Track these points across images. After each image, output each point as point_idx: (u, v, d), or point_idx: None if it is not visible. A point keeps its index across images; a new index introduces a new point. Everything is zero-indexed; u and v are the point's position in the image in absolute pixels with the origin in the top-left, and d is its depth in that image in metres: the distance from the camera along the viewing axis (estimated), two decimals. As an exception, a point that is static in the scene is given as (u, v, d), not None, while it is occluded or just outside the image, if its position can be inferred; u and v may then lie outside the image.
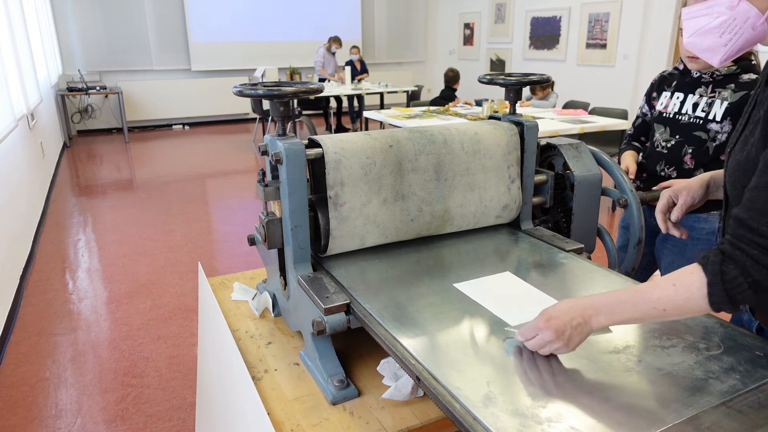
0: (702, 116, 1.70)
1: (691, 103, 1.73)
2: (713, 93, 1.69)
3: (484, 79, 1.56)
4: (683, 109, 1.75)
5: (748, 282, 0.79)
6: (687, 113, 1.74)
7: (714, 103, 1.68)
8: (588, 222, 1.62)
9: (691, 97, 1.74)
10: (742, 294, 0.80)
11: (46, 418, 2.26)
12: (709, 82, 1.71)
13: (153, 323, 2.99)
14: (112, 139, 8.46)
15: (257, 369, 1.21)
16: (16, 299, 3.19)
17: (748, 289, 0.79)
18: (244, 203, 5.31)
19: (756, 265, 0.79)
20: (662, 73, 1.91)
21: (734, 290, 0.80)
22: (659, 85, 1.88)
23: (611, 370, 0.89)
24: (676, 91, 1.79)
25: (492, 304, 1.09)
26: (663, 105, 1.81)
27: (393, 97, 9.21)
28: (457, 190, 1.37)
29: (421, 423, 1.03)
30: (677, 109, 1.77)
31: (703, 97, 1.71)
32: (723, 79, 1.68)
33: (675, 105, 1.77)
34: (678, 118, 1.76)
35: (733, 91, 1.65)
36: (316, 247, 1.29)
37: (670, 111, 1.78)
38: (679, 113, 1.76)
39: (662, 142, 1.81)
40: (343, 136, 1.28)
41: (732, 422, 0.77)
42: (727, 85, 1.68)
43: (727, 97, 1.66)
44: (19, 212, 3.87)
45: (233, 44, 9.37)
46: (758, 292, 0.79)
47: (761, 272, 0.79)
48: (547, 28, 8.35)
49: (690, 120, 1.72)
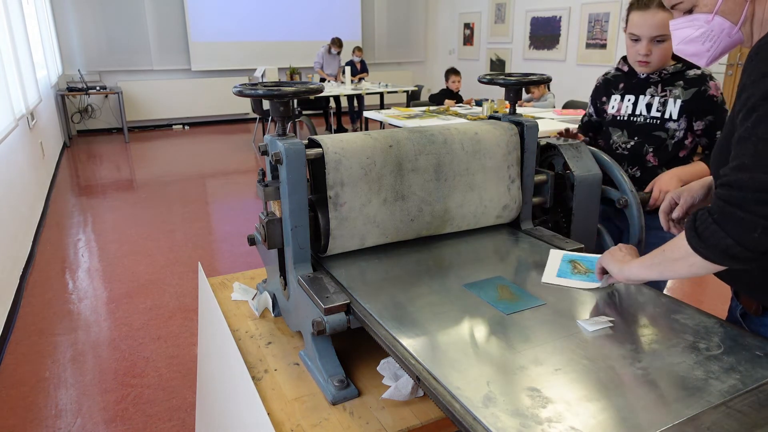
0: (658, 116, 1.71)
1: (644, 103, 1.74)
2: (664, 92, 1.70)
3: (484, 79, 1.56)
4: (637, 111, 1.76)
5: (713, 217, 0.86)
6: (642, 114, 1.74)
7: (667, 102, 1.69)
8: (588, 222, 1.62)
9: (643, 98, 1.74)
10: (708, 229, 0.87)
11: (46, 418, 2.26)
12: (657, 81, 1.72)
13: (153, 323, 2.99)
14: (112, 139, 8.46)
15: (257, 369, 1.21)
16: (16, 299, 3.19)
17: (713, 224, 0.86)
18: (244, 203, 5.31)
19: (717, 201, 0.87)
20: (605, 76, 1.89)
21: (701, 226, 0.88)
22: (605, 89, 1.87)
23: (611, 370, 0.89)
24: (626, 94, 1.79)
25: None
26: (615, 108, 1.81)
27: (393, 97, 9.20)
28: (457, 190, 1.37)
29: (421, 423, 1.03)
30: (631, 111, 1.77)
31: (654, 97, 1.72)
32: (670, 77, 1.69)
33: (627, 107, 1.78)
34: (633, 120, 1.76)
35: (683, 89, 1.67)
36: (316, 247, 1.29)
37: (624, 114, 1.78)
38: (633, 115, 1.76)
39: (621, 144, 1.82)
40: (343, 136, 1.28)
41: (732, 422, 0.77)
42: (675, 82, 1.69)
43: (680, 95, 1.67)
44: (19, 212, 3.87)
45: (233, 44, 9.37)
46: (723, 228, 0.85)
47: (720, 206, 0.86)
48: (547, 28, 8.35)
49: (646, 121, 1.73)
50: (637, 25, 1.63)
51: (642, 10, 1.61)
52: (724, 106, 1.67)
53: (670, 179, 1.65)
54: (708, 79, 1.66)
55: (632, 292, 1.17)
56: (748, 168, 0.84)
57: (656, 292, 1.16)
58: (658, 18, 1.59)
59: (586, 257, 1.29)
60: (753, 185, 0.82)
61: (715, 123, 1.67)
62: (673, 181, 1.64)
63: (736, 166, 0.86)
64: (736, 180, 0.84)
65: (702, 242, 0.88)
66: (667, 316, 1.06)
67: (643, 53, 1.64)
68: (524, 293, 1.15)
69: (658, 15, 1.58)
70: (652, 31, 1.61)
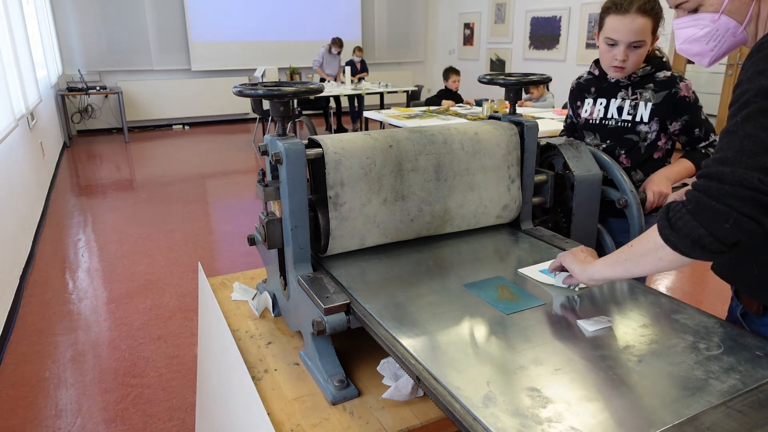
0: (629, 119, 1.71)
1: (615, 107, 1.74)
2: (635, 95, 1.70)
3: (484, 79, 1.56)
4: (608, 114, 1.75)
5: (687, 208, 0.86)
6: (613, 117, 1.74)
7: (638, 105, 1.69)
8: (588, 222, 1.63)
9: (614, 101, 1.74)
10: (682, 219, 0.87)
11: (46, 418, 2.26)
12: (627, 84, 1.71)
13: (153, 323, 2.99)
14: (112, 139, 8.46)
15: (257, 369, 1.21)
16: (16, 299, 3.19)
17: (686, 214, 0.86)
18: (244, 203, 5.31)
19: (693, 192, 0.87)
20: (578, 80, 1.89)
21: (674, 216, 0.88)
22: (579, 93, 1.87)
23: (611, 370, 0.89)
24: (598, 97, 1.79)
25: None
26: (588, 112, 1.81)
27: (393, 97, 9.21)
28: (457, 190, 1.37)
29: (421, 423, 1.03)
30: (602, 115, 1.77)
31: (626, 100, 1.71)
32: (640, 80, 1.69)
33: (599, 111, 1.78)
34: (605, 123, 1.76)
35: (654, 92, 1.66)
36: (316, 247, 1.29)
37: (596, 117, 1.78)
38: (605, 118, 1.76)
39: (593, 147, 1.82)
40: (343, 136, 1.28)
41: (732, 422, 0.77)
42: (645, 85, 1.68)
43: (650, 98, 1.67)
44: (19, 212, 3.87)
45: (233, 44, 9.37)
46: (696, 218, 0.85)
47: (696, 197, 0.86)
48: (547, 28, 8.35)
49: (618, 124, 1.73)
50: (615, 30, 1.60)
51: (621, 15, 1.57)
52: (698, 104, 1.66)
53: (660, 181, 1.66)
54: (678, 80, 1.65)
55: (632, 292, 1.17)
56: (730, 162, 0.84)
57: (656, 292, 1.16)
58: (638, 23, 1.56)
59: None
60: (732, 179, 0.83)
61: (691, 122, 1.67)
62: (663, 182, 1.65)
63: (718, 158, 0.86)
64: (717, 172, 0.85)
65: (674, 232, 0.88)
66: (667, 316, 1.06)
67: (621, 59, 1.62)
68: (524, 293, 1.15)
69: (638, 20, 1.56)
70: (631, 36, 1.58)
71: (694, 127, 1.68)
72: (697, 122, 1.67)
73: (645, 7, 1.56)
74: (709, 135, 1.69)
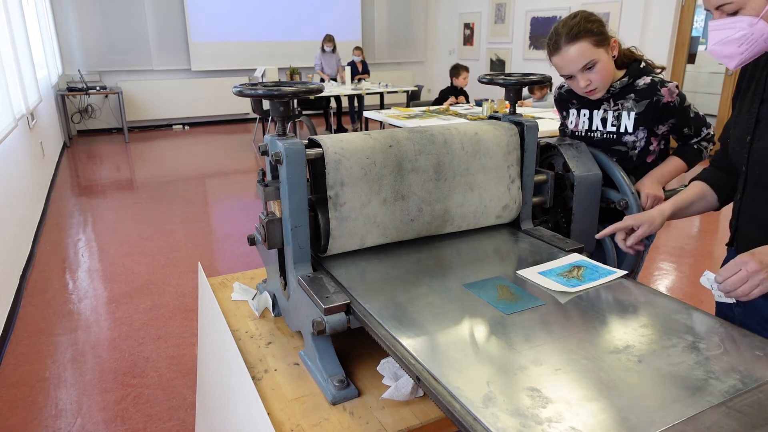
0: (614, 131, 1.70)
1: (599, 119, 1.73)
2: (617, 106, 1.68)
3: (484, 79, 1.56)
4: (593, 126, 1.75)
5: None
6: (598, 129, 1.74)
7: (621, 115, 1.68)
8: (588, 222, 1.63)
9: (597, 113, 1.73)
10: None
11: (46, 418, 2.26)
12: (608, 97, 1.70)
13: (153, 323, 2.99)
14: (112, 139, 8.46)
15: (257, 369, 1.21)
16: (16, 299, 3.19)
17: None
18: (244, 203, 5.31)
19: None
20: (559, 90, 1.88)
21: None
22: (562, 103, 1.87)
23: (611, 370, 0.89)
24: (581, 108, 1.78)
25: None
26: (573, 123, 1.81)
27: (393, 97, 9.21)
28: (457, 190, 1.37)
29: (421, 423, 1.03)
30: (587, 126, 1.76)
31: (608, 111, 1.70)
32: (620, 91, 1.67)
33: (584, 123, 1.77)
34: (591, 135, 1.75)
35: (635, 101, 1.65)
36: (316, 247, 1.29)
37: (582, 129, 1.78)
38: (590, 130, 1.76)
39: None
40: (343, 136, 1.28)
41: (732, 422, 0.77)
42: (626, 95, 1.67)
43: (632, 107, 1.65)
44: (19, 212, 3.87)
45: (233, 44, 9.37)
46: None
47: None
48: (547, 28, 8.33)
49: (603, 136, 1.72)
50: (561, 67, 1.62)
51: (557, 53, 1.60)
52: (684, 105, 1.64)
53: (652, 183, 1.66)
54: (659, 87, 1.62)
55: (632, 292, 1.17)
56: None
57: (656, 292, 1.16)
58: (572, 52, 1.56)
59: (593, 264, 1.28)
60: None
61: (679, 123, 1.66)
62: (654, 185, 1.65)
63: None
64: None
65: None
66: (667, 316, 1.06)
67: (583, 86, 1.62)
68: (524, 293, 1.15)
69: (570, 50, 1.56)
70: (575, 65, 1.58)
71: (682, 127, 1.67)
72: (686, 122, 1.66)
73: (571, 35, 1.55)
74: (700, 130, 1.68)
